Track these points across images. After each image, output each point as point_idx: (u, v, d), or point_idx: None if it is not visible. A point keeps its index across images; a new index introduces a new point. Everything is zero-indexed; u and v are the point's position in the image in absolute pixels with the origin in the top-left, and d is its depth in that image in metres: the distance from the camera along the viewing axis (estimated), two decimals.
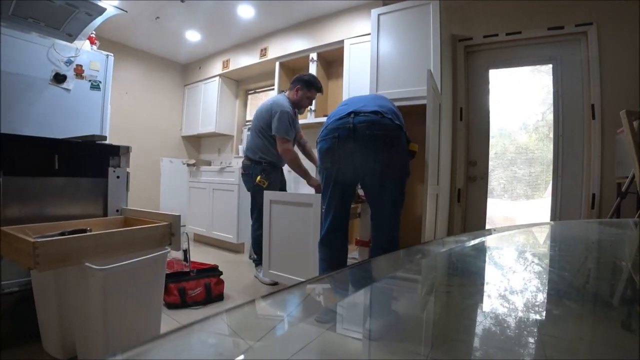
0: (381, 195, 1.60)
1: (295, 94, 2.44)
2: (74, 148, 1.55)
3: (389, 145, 1.53)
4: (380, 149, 1.53)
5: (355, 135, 1.52)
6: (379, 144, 1.52)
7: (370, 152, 1.53)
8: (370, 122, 1.52)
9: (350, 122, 1.53)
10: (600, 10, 2.25)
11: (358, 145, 1.53)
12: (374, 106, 1.58)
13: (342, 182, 1.65)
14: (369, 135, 1.51)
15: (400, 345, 0.32)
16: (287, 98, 2.45)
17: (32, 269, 1.00)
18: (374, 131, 1.51)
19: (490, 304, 0.43)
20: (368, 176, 1.60)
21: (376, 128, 1.52)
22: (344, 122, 1.56)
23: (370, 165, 1.54)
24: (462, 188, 2.73)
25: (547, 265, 0.62)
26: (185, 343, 0.27)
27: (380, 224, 1.67)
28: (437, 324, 0.38)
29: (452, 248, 0.72)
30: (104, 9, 2.11)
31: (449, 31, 2.61)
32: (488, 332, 0.33)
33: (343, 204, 1.71)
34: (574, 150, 2.39)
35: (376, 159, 1.53)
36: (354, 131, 1.52)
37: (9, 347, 1.29)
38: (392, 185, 1.60)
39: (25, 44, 2.16)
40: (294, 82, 2.47)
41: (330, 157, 1.61)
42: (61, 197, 1.47)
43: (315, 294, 0.45)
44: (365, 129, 1.51)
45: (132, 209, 1.59)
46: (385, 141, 1.53)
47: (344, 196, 1.70)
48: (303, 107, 2.51)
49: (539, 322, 0.35)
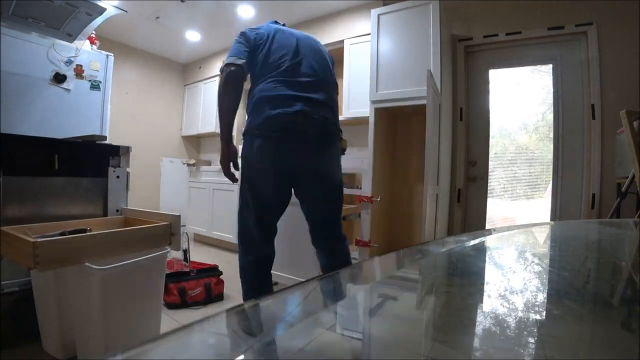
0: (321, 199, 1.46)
1: None
2: (74, 148, 1.55)
3: (328, 151, 1.41)
4: (326, 153, 1.39)
5: (304, 139, 1.31)
6: (327, 149, 1.39)
7: (314, 157, 1.36)
8: (321, 128, 1.33)
9: (300, 123, 1.29)
10: (600, 10, 2.25)
11: (305, 149, 1.32)
12: (324, 106, 1.36)
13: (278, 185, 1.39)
14: (318, 142, 1.33)
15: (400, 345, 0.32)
16: None
17: (32, 269, 1.00)
18: (324, 138, 1.36)
19: (490, 304, 0.43)
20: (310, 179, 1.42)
21: (326, 136, 1.36)
22: (291, 120, 1.28)
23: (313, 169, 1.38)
24: (462, 188, 2.73)
25: (547, 265, 0.62)
26: (185, 343, 0.27)
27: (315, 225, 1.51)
28: (437, 324, 0.38)
29: (452, 248, 0.72)
30: (104, 9, 2.11)
31: (449, 31, 2.61)
32: (488, 332, 0.33)
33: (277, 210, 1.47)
34: (574, 150, 2.39)
35: (320, 162, 1.38)
36: (305, 134, 1.30)
37: (9, 347, 1.29)
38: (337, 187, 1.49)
39: (25, 44, 2.16)
40: None
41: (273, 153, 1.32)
42: (61, 197, 1.47)
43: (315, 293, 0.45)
44: (317, 134, 1.32)
45: (132, 209, 1.60)
46: (331, 146, 1.41)
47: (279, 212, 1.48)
48: None
49: (539, 322, 0.35)
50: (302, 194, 1.44)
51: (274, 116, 1.27)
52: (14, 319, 1.34)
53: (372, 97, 2.42)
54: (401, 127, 2.87)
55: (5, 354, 1.26)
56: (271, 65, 1.36)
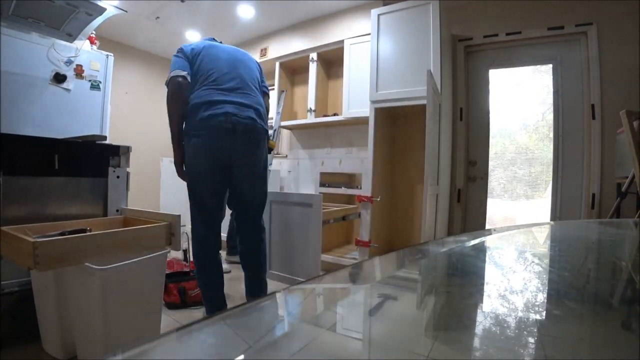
0: (248, 192, 1.66)
1: None
2: (74, 148, 1.55)
3: (256, 148, 1.60)
4: (250, 151, 1.58)
5: (234, 137, 1.50)
6: (254, 146, 1.58)
7: (242, 154, 1.56)
8: (247, 127, 1.54)
9: (229, 122, 1.49)
10: (600, 10, 2.25)
11: (233, 146, 1.52)
12: (249, 108, 1.56)
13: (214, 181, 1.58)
14: (246, 140, 1.54)
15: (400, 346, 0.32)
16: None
17: (32, 269, 1.00)
18: (250, 136, 1.55)
19: (490, 304, 0.43)
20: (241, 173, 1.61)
21: (252, 134, 1.56)
22: (223, 120, 1.49)
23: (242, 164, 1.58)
24: (462, 188, 2.73)
25: (547, 265, 0.62)
26: (185, 343, 0.27)
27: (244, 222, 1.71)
28: (437, 324, 0.38)
29: (452, 248, 0.72)
30: (104, 9, 2.10)
31: (449, 31, 2.61)
32: (488, 332, 0.33)
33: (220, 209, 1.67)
34: (574, 150, 2.39)
35: (245, 160, 1.58)
36: (233, 132, 1.50)
37: (9, 347, 1.29)
38: (259, 181, 1.69)
39: (25, 44, 2.16)
40: None
41: (207, 152, 1.52)
42: (61, 197, 1.47)
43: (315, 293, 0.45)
44: (244, 133, 1.53)
45: (132, 209, 1.60)
46: (258, 145, 1.61)
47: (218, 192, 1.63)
48: None
49: (539, 322, 0.35)
50: (231, 183, 1.62)
51: (206, 117, 1.48)
52: (14, 319, 1.34)
53: (372, 97, 2.42)
54: (401, 127, 2.87)
55: (5, 354, 1.26)
56: (203, 76, 1.58)
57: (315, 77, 3.20)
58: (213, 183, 1.57)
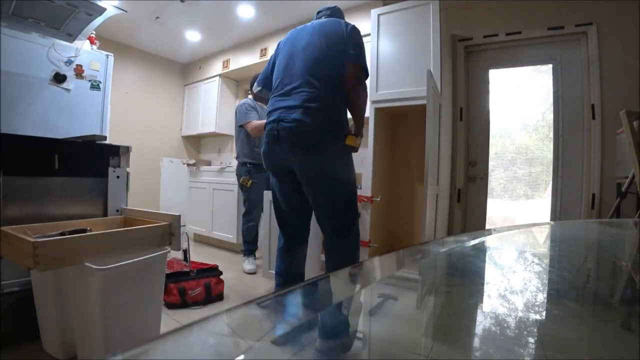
0: (316, 200, 1.54)
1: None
2: (74, 148, 1.55)
3: (313, 152, 1.45)
4: (302, 156, 1.45)
5: (279, 143, 1.47)
6: (302, 151, 1.45)
7: (295, 160, 1.47)
8: (291, 131, 1.43)
9: (275, 129, 1.47)
10: (600, 10, 2.25)
11: (283, 153, 1.48)
12: (296, 109, 1.44)
13: (280, 184, 1.61)
14: (290, 144, 1.45)
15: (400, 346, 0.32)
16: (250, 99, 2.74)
17: (32, 269, 1.00)
18: (295, 139, 1.44)
19: (490, 304, 0.43)
20: (303, 181, 1.52)
21: (296, 137, 1.44)
22: (270, 128, 1.50)
23: (296, 171, 1.50)
24: (462, 188, 2.73)
25: (547, 265, 0.62)
26: (185, 343, 0.27)
27: (322, 228, 1.61)
28: (437, 324, 0.38)
29: (452, 248, 0.72)
30: (104, 9, 2.10)
31: (449, 31, 2.61)
32: (488, 332, 0.33)
33: (290, 210, 1.63)
34: (574, 150, 2.39)
35: (301, 166, 1.48)
36: (278, 139, 1.47)
37: (9, 347, 1.29)
38: (329, 187, 1.52)
39: (25, 44, 2.16)
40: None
41: (265, 161, 1.59)
42: (61, 197, 1.47)
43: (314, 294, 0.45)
44: (287, 137, 1.45)
45: (132, 209, 1.59)
46: (307, 149, 1.44)
47: (289, 200, 1.62)
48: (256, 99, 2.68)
49: (539, 322, 0.35)
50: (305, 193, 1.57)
51: (266, 130, 1.53)
52: (14, 319, 1.34)
53: (372, 97, 2.42)
54: (401, 127, 2.87)
55: (5, 354, 1.26)
56: (273, 84, 1.60)
57: None
58: (278, 190, 1.64)
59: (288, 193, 1.61)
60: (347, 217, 1.57)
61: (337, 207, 1.54)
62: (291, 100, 1.46)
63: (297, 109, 1.43)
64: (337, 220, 1.55)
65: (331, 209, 1.54)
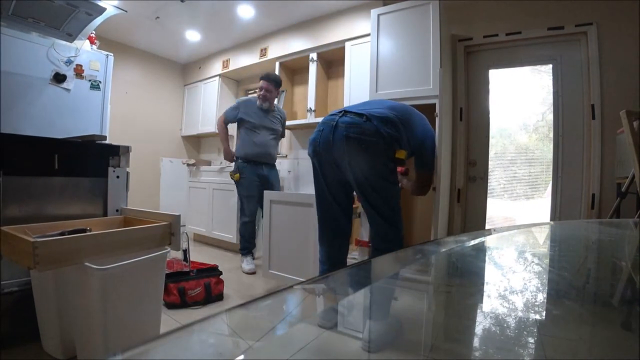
0: (366, 198, 1.61)
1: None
2: (74, 148, 1.55)
3: (365, 150, 1.53)
4: (352, 151, 1.53)
5: (334, 134, 1.55)
6: (353, 146, 1.52)
7: (344, 152, 1.54)
8: (350, 124, 1.54)
9: (335, 119, 1.56)
10: (600, 10, 2.25)
11: (335, 143, 1.56)
12: (365, 111, 1.58)
13: (325, 175, 1.66)
14: (344, 136, 1.53)
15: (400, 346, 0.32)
16: (255, 97, 2.84)
17: (31, 269, 0.99)
18: (350, 133, 1.52)
19: (490, 304, 0.43)
20: (351, 177, 1.59)
21: (353, 131, 1.52)
22: (331, 118, 1.59)
23: (348, 167, 1.56)
24: (462, 188, 2.73)
25: (547, 265, 0.62)
26: (185, 343, 0.27)
27: (371, 227, 1.70)
28: (437, 324, 0.38)
29: (452, 248, 0.72)
30: (104, 9, 2.10)
31: (449, 31, 2.61)
32: (488, 332, 0.33)
33: (333, 200, 1.69)
34: (574, 150, 2.39)
35: (350, 161, 1.55)
36: (335, 129, 1.55)
37: (9, 347, 1.29)
38: (373, 188, 1.59)
39: (25, 44, 2.16)
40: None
41: (312, 147, 1.65)
42: (61, 197, 1.47)
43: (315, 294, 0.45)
44: (343, 129, 1.53)
45: (132, 209, 1.59)
46: (360, 144, 1.52)
47: (332, 191, 1.68)
48: (259, 98, 2.78)
49: (539, 322, 0.35)
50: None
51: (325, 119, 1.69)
52: (14, 319, 1.34)
53: (372, 97, 2.42)
54: None
55: (5, 354, 1.26)
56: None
57: (315, 77, 3.20)
58: (321, 181, 1.69)
59: (330, 184, 1.66)
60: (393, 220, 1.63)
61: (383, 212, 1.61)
62: (357, 107, 1.63)
63: (365, 110, 1.57)
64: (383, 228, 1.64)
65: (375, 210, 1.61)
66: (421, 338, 0.35)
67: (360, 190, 1.59)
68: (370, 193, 1.58)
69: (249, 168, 2.71)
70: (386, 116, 1.58)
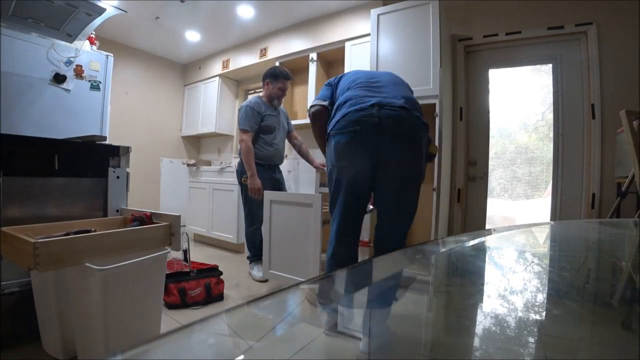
0: (399, 199, 1.42)
1: (267, 89, 2.55)
2: (74, 148, 1.55)
3: (416, 146, 1.36)
4: (406, 150, 1.35)
5: (380, 132, 1.31)
6: (406, 144, 1.34)
7: (396, 152, 1.34)
8: (399, 119, 1.32)
9: (375, 115, 1.32)
10: (600, 10, 2.25)
11: (383, 143, 1.33)
12: (399, 98, 1.38)
13: (359, 183, 1.42)
14: (397, 134, 1.32)
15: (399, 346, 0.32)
16: (259, 97, 2.56)
17: (32, 270, 1.00)
18: (403, 130, 1.32)
19: (490, 304, 0.43)
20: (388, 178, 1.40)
21: (405, 127, 1.33)
22: (367, 114, 1.33)
23: (392, 167, 1.36)
24: (462, 188, 2.73)
25: (547, 265, 0.62)
26: (185, 343, 0.27)
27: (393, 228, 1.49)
28: (437, 324, 0.38)
29: (452, 248, 0.72)
30: (104, 9, 2.11)
31: (449, 31, 2.61)
32: (488, 332, 0.33)
33: (358, 208, 1.49)
34: (574, 150, 2.39)
35: (400, 161, 1.35)
36: (380, 126, 1.31)
37: (10, 347, 1.29)
38: (413, 189, 1.44)
39: (25, 44, 2.16)
40: (263, 78, 2.58)
41: (348, 155, 1.38)
42: (61, 197, 1.47)
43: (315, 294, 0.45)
44: (393, 126, 1.31)
45: (132, 209, 1.59)
46: (413, 142, 1.36)
47: (360, 200, 1.48)
48: (277, 98, 2.57)
49: (539, 322, 0.35)
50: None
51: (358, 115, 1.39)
52: (14, 319, 1.33)
53: None
54: None
55: (5, 354, 1.26)
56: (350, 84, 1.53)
57: (315, 77, 3.20)
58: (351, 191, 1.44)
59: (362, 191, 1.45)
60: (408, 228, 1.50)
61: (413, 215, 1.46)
62: (386, 97, 1.37)
63: (399, 98, 1.36)
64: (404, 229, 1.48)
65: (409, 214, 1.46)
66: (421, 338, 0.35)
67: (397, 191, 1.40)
68: (408, 194, 1.42)
69: (262, 172, 2.48)
70: (414, 100, 1.41)
